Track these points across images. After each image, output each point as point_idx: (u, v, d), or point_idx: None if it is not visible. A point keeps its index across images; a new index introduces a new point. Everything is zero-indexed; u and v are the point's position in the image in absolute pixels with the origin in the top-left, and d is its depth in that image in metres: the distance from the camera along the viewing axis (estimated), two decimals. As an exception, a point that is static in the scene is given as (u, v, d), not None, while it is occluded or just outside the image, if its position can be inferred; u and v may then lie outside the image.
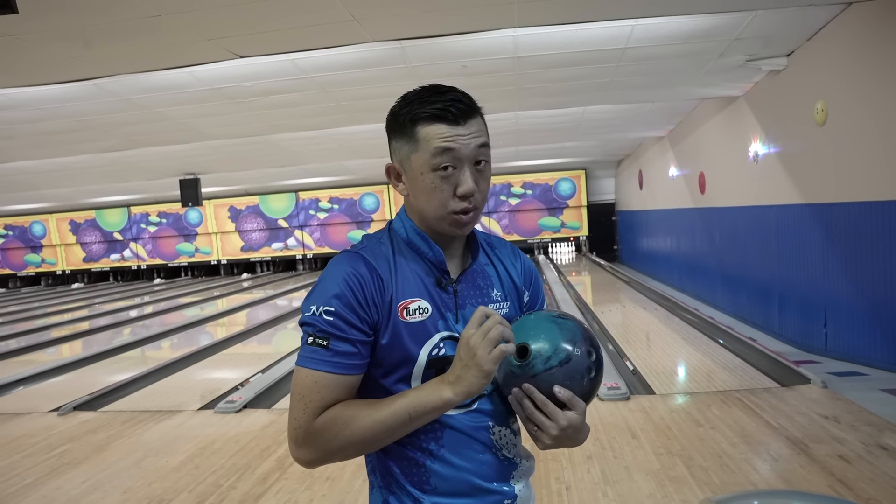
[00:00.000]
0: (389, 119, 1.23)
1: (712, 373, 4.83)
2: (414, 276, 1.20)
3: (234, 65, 4.80)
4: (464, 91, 1.19)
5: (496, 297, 1.27)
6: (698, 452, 3.31)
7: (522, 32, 4.56)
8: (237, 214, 17.42)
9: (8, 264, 19.00)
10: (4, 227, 18.59)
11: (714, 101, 7.61)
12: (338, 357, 1.12)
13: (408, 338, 1.17)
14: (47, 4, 3.35)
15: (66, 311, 12.15)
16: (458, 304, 1.22)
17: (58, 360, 7.06)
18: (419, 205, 1.19)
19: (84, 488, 3.44)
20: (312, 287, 1.19)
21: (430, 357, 1.18)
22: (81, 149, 7.97)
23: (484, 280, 1.27)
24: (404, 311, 1.17)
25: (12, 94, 5.28)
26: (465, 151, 1.15)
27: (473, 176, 1.16)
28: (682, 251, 10.05)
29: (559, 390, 1.14)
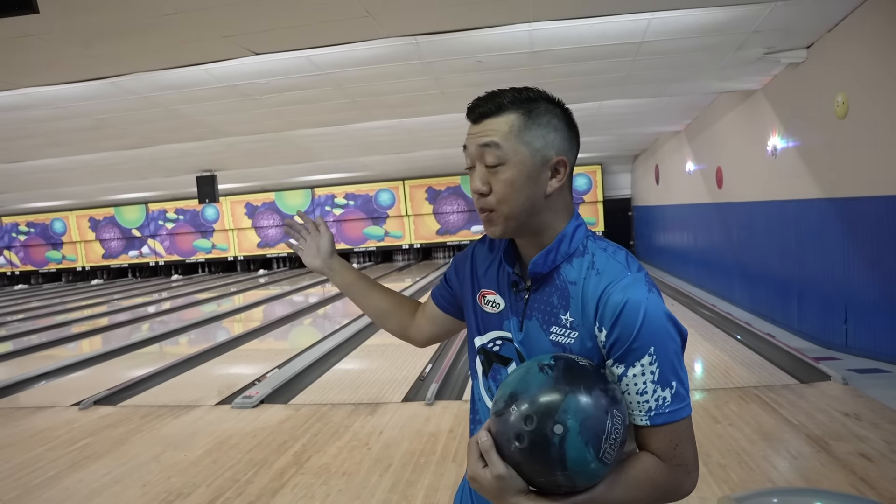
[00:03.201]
0: None
1: (730, 369, 4.79)
2: (495, 272, 1.25)
3: (250, 62, 4.82)
4: (506, 89, 1.16)
5: (566, 321, 1.10)
6: (716, 449, 3.28)
7: (538, 27, 4.53)
8: (253, 211, 17.51)
9: (30, 261, 19.27)
10: (26, 225, 18.85)
11: (732, 95, 7.53)
12: (437, 290, 1.44)
13: (479, 321, 1.26)
14: (66, 4, 3.38)
15: (86, 307, 12.30)
16: (525, 315, 1.16)
17: (78, 356, 7.16)
18: None
19: (105, 481, 3.49)
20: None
21: (485, 347, 1.24)
22: (100, 146, 8.05)
23: (561, 298, 1.12)
24: (482, 299, 1.26)
25: (33, 94, 5.34)
26: (472, 150, 1.14)
27: (482, 176, 1.12)
28: (700, 246, 9.96)
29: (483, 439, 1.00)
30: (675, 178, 11.28)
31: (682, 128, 10.49)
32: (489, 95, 1.16)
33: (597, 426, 0.95)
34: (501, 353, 1.21)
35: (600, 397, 0.98)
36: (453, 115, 7.60)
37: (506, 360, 1.21)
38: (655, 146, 12.90)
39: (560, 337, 1.11)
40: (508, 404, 0.99)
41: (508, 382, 1.04)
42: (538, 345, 1.14)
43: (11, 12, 2.08)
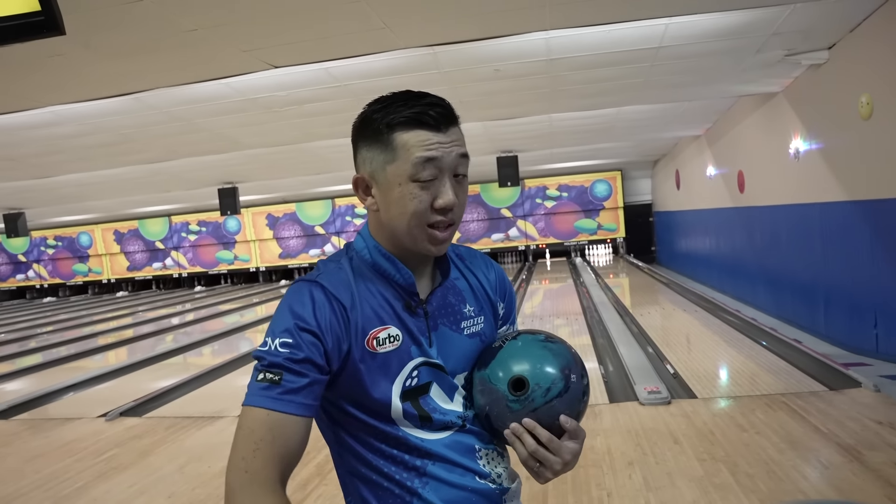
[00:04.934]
0: (358, 126, 1.11)
1: (756, 376, 4.72)
2: (381, 302, 1.10)
3: (270, 75, 4.88)
4: (440, 96, 1.10)
5: (469, 312, 1.18)
6: (743, 458, 3.23)
7: (555, 35, 4.53)
8: (275, 222, 17.66)
9: (58, 274, 19.59)
10: (54, 238, 19.18)
11: (752, 98, 7.45)
12: (291, 394, 0.99)
13: (378, 372, 1.07)
14: (91, 24, 3.45)
15: (112, 319, 12.47)
16: (430, 327, 1.13)
17: (105, 367, 7.25)
18: (392, 220, 1.08)
19: (131, 492, 3.52)
20: (272, 318, 1.08)
21: (404, 388, 1.09)
22: (124, 161, 8.18)
23: (455, 296, 1.18)
24: (374, 342, 1.07)
25: (60, 111, 5.44)
26: (446, 160, 1.06)
27: (453, 188, 1.07)
28: (722, 252, 9.85)
29: (566, 421, 1.09)
30: (696, 183, 11.18)
31: (703, 132, 10.40)
32: (437, 100, 1.09)
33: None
34: (420, 385, 1.11)
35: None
36: (471, 123, 7.62)
37: (426, 388, 1.12)
38: (675, 151, 12.80)
39: (472, 328, 1.18)
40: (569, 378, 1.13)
41: (543, 366, 1.12)
42: (455, 348, 1.15)
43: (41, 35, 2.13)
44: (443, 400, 1.13)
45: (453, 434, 1.12)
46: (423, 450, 1.09)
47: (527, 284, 12.17)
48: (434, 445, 1.09)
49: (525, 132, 8.77)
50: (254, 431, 0.98)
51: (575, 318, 8.02)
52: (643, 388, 4.47)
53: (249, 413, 1.00)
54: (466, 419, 1.14)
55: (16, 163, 7.66)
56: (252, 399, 1.00)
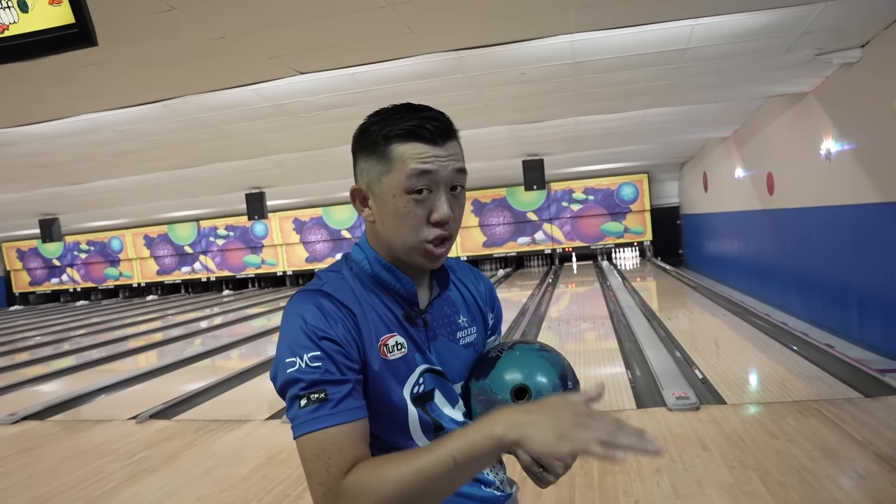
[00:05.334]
0: (358, 137, 1.12)
1: (787, 381, 4.64)
2: (384, 310, 1.11)
3: (296, 81, 4.93)
4: (439, 110, 1.10)
5: (463, 322, 1.21)
6: (775, 466, 3.17)
7: (579, 38, 4.51)
8: (301, 226, 17.82)
9: (90, 278, 19.99)
10: (87, 243, 19.58)
11: (781, 99, 7.34)
12: (341, 404, 0.99)
13: (391, 378, 1.08)
14: (122, 34, 3.52)
15: (142, 323, 12.68)
16: (430, 337, 1.15)
17: (135, 370, 7.37)
18: (387, 232, 1.09)
19: (160, 494, 3.57)
20: (279, 342, 1.05)
21: (413, 395, 1.10)
22: (153, 167, 8.32)
23: (450, 307, 1.21)
24: (384, 348, 1.08)
25: (93, 119, 5.56)
26: (442, 174, 1.06)
27: (449, 202, 1.07)
28: (751, 254, 9.70)
29: None
30: (725, 185, 11.03)
31: (730, 133, 10.26)
32: (436, 113, 1.09)
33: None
34: (425, 391, 1.12)
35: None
36: (496, 127, 7.61)
37: (431, 395, 1.13)
38: (703, 153, 12.65)
39: (467, 338, 1.20)
40: (567, 386, 1.14)
41: (542, 375, 1.14)
42: (452, 358, 1.17)
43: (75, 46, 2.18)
44: (445, 407, 1.15)
45: None
46: None
47: (553, 288, 12.11)
48: None
49: (551, 135, 8.73)
50: (319, 455, 0.97)
51: (601, 321, 7.95)
52: (671, 394, 4.42)
53: (308, 440, 0.98)
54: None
55: (50, 170, 7.84)
56: (306, 427, 0.98)
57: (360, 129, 1.12)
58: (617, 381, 5.06)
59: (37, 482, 3.96)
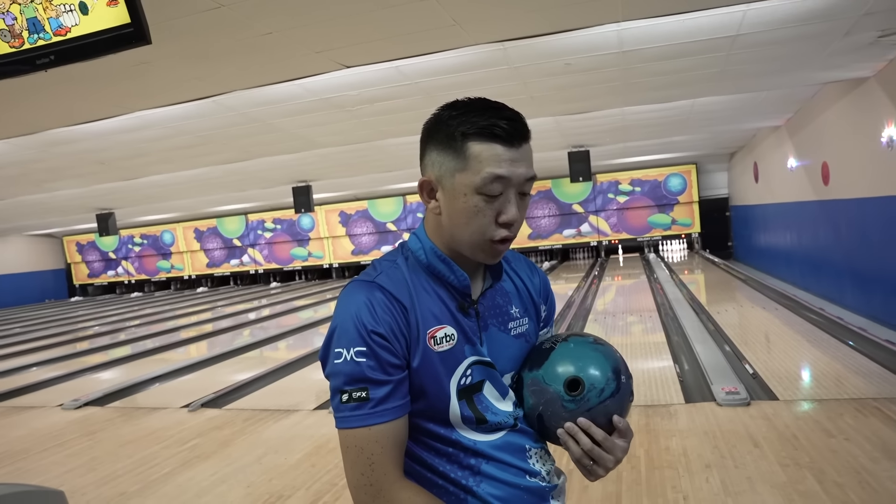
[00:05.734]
0: (430, 128, 1.10)
1: (843, 378, 4.49)
2: (436, 302, 1.11)
3: (342, 75, 4.97)
4: (517, 111, 1.10)
5: (516, 313, 1.21)
6: (831, 466, 3.07)
7: (627, 26, 4.42)
8: (347, 219, 18.01)
9: (144, 270, 20.63)
10: (140, 237, 20.20)
11: (838, 85, 7.07)
12: (383, 403, 1.02)
13: (437, 369, 1.08)
14: (174, 32, 3.60)
15: (193, 314, 13.02)
16: (481, 327, 1.15)
17: (187, 360, 7.59)
18: (453, 227, 1.10)
19: (212, 481, 3.67)
20: (330, 329, 1.08)
21: (459, 387, 1.10)
22: (203, 162, 8.52)
23: (503, 297, 1.21)
24: (432, 340, 1.08)
25: (145, 116, 5.72)
26: (515, 180, 1.06)
27: (517, 204, 1.08)
28: (804, 247, 9.40)
29: (619, 420, 1.11)
30: (776, 176, 10.72)
31: (783, 122, 9.95)
32: (516, 115, 1.08)
33: None
34: (473, 383, 1.12)
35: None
36: (542, 118, 7.54)
37: (479, 386, 1.13)
38: (754, 143, 12.30)
39: (519, 328, 1.20)
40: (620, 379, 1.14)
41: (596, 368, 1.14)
42: (504, 348, 1.17)
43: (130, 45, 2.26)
44: (495, 398, 1.15)
45: (505, 435, 1.14)
46: (477, 450, 1.11)
47: (599, 281, 11.97)
48: (486, 447, 1.12)
49: (597, 126, 8.61)
50: (363, 450, 1.01)
51: (648, 315, 7.83)
52: (720, 389, 4.33)
53: (350, 434, 1.02)
54: (518, 418, 1.16)
55: (106, 166, 8.10)
56: (347, 422, 1.02)
57: (433, 119, 1.11)
58: (665, 375, 4.98)
59: (99, 464, 4.12)
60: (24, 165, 7.66)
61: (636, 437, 3.69)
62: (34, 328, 12.78)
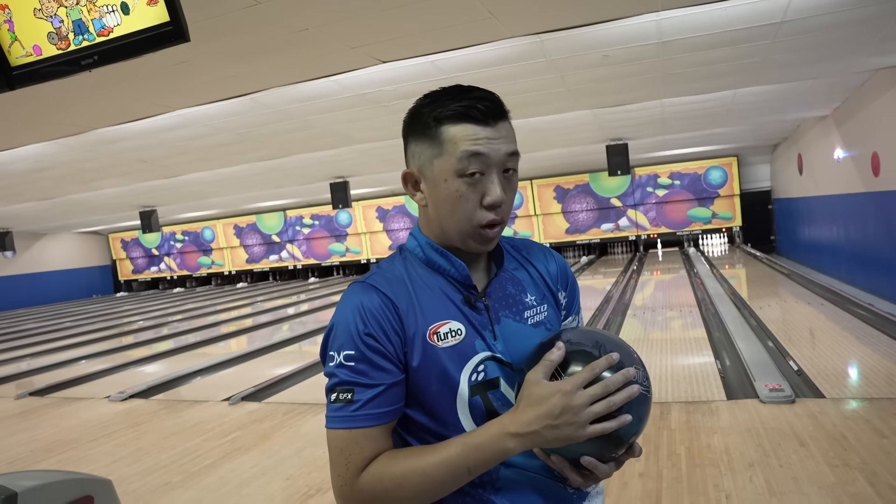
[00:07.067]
0: (408, 120, 1.12)
1: (894, 376, 4.34)
2: (439, 297, 1.08)
3: (377, 70, 4.98)
4: (491, 91, 1.08)
5: (531, 301, 1.16)
6: (884, 468, 2.97)
7: (666, 16, 4.33)
8: (384, 214, 18.10)
9: (185, 266, 21.08)
10: (182, 233, 20.64)
11: (890, 71, 6.81)
12: (366, 408, 1.01)
13: (443, 366, 1.05)
14: (212, 30, 3.66)
15: (233, 309, 13.26)
16: (493, 320, 1.10)
17: (227, 354, 7.72)
18: (440, 216, 1.08)
19: (253, 473, 3.73)
20: (326, 331, 1.08)
21: (471, 383, 1.06)
22: (242, 159, 8.65)
23: (515, 286, 1.16)
24: (435, 336, 1.05)
25: (185, 114, 5.82)
26: (494, 157, 1.04)
27: (502, 184, 1.05)
28: (852, 240, 9.11)
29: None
30: (822, 167, 10.40)
31: (829, 112, 9.64)
32: (487, 94, 1.06)
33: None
34: (488, 379, 1.07)
35: None
36: (579, 112, 7.45)
37: (495, 383, 1.08)
38: (798, 134, 11.96)
39: (536, 317, 1.14)
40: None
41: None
42: (521, 338, 1.11)
43: (170, 43, 2.29)
44: (512, 397, 1.09)
45: None
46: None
47: (638, 275, 11.81)
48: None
49: (635, 119, 8.48)
50: (342, 450, 1.02)
51: (689, 310, 7.69)
52: (764, 385, 4.23)
53: (333, 434, 1.03)
54: None
55: (149, 164, 8.29)
56: (332, 422, 1.03)
57: (410, 112, 1.12)
58: (706, 372, 4.88)
59: (144, 455, 4.23)
60: (72, 165, 7.88)
61: (677, 434, 3.63)
62: (82, 322, 13.17)
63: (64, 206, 12.26)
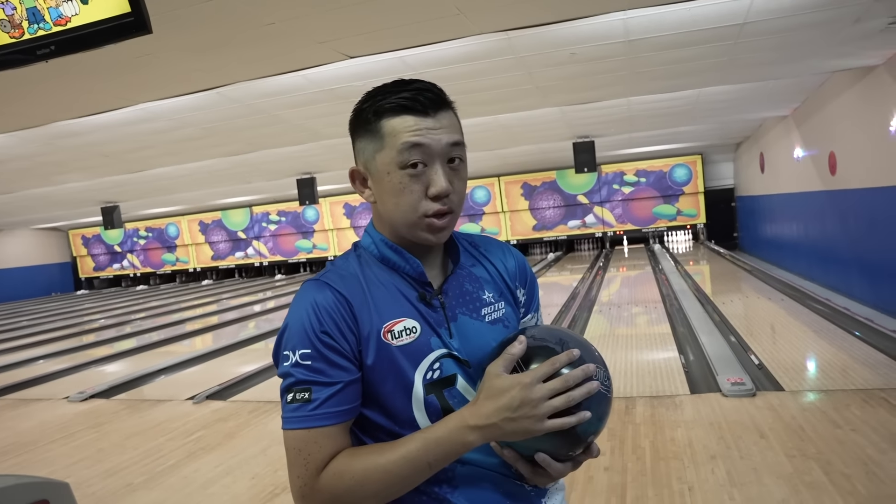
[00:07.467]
0: (352, 119, 1.11)
1: (849, 369, 4.47)
2: (394, 294, 1.07)
3: (345, 65, 4.94)
4: (432, 82, 1.07)
5: (489, 298, 1.15)
6: (838, 457, 3.06)
7: (633, 14, 4.38)
8: (352, 211, 18.00)
9: (149, 263, 20.69)
10: (146, 230, 20.25)
11: (847, 74, 7.00)
12: (324, 406, 1.00)
13: (398, 364, 1.03)
14: (176, 23, 3.58)
15: (198, 306, 13.06)
16: (449, 317, 1.09)
17: (192, 352, 7.60)
18: (388, 211, 1.07)
19: (217, 472, 3.68)
20: (280, 330, 1.08)
21: (426, 381, 1.05)
22: (208, 154, 8.51)
23: (472, 283, 1.15)
24: (389, 334, 1.04)
25: (150, 108, 5.71)
26: (436, 147, 1.03)
27: (447, 174, 1.04)
28: (811, 237, 9.35)
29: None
30: (783, 166, 10.65)
31: (790, 112, 9.88)
32: (427, 85, 1.06)
33: None
34: (444, 377, 1.06)
35: None
36: (547, 109, 7.50)
37: (451, 380, 1.07)
38: (760, 133, 12.23)
39: (494, 314, 1.14)
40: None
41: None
42: (477, 336, 1.10)
43: (131, 35, 2.24)
44: (469, 394, 1.09)
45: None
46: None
47: (604, 272, 11.95)
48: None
49: (602, 117, 8.56)
50: (300, 451, 1.01)
51: (654, 306, 7.81)
52: (726, 379, 4.32)
53: (291, 435, 1.02)
54: None
55: (111, 159, 8.10)
56: (289, 423, 1.02)
57: (353, 110, 1.11)
58: (670, 367, 4.96)
59: (106, 456, 4.14)
60: (30, 159, 7.67)
61: (642, 428, 3.68)
62: (41, 321, 12.84)
63: (22, 200, 11.92)
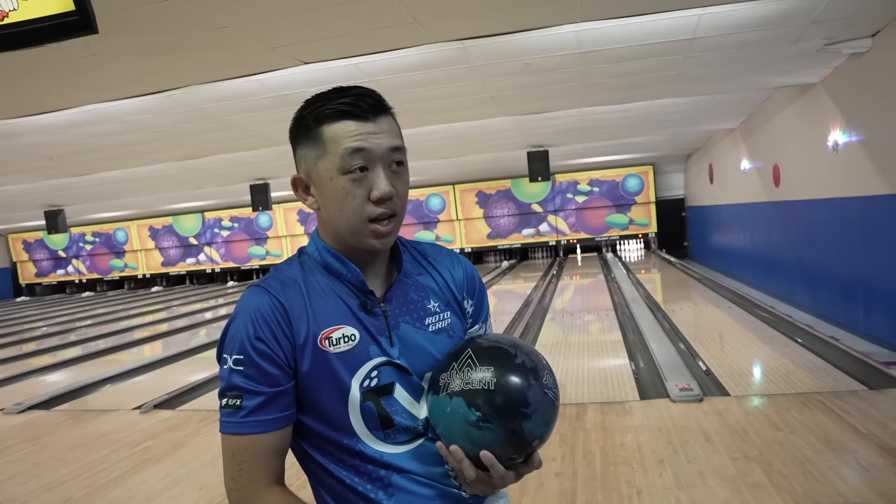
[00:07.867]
0: (292, 126, 1.11)
1: (791, 374, 4.62)
2: (334, 301, 1.07)
3: (300, 71, 4.91)
4: (371, 88, 1.09)
5: (434, 308, 1.14)
6: (778, 458, 3.16)
7: (585, 27, 4.47)
8: (306, 218, 17.81)
9: (96, 269, 20.06)
10: (92, 235, 19.63)
11: (789, 90, 7.28)
12: (254, 414, 1.00)
13: (339, 370, 1.04)
14: (125, 23, 3.51)
15: (147, 314, 12.71)
16: (391, 326, 1.09)
17: (140, 360, 7.40)
18: (331, 217, 1.07)
19: (164, 483, 3.59)
20: (221, 334, 1.07)
21: (363, 389, 1.05)
22: (158, 158, 8.32)
23: (418, 292, 1.14)
24: (327, 342, 1.04)
25: (97, 109, 5.56)
26: (377, 151, 1.04)
27: (389, 178, 1.05)
28: (757, 247, 9.66)
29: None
30: (730, 177, 10.99)
31: (737, 125, 10.21)
32: (368, 91, 1.08)
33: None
34: (381, 385, 1.07)
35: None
36: (501, 118, 7.58)
37: (389, 389, 1.07)
38: (709, 145, 12.59)
39: (439, 323, 1.14)
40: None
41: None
42: (420, 344, 1.11)
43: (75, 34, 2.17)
44: (408, 402, 1.09)
45: (421, 444, 1.08)
46: (385, 462, 1.06)
47: (557, 280, 12.10)
48: (396, 458, 1.07)
49: (556, 126, 8.70)
50: (234, 455, 1.02)
51: (606, 313, 7.94)
52: (674, 385, 4.41)
53: (225, 439, 1.03)
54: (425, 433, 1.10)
55: (56, 161, 7.85)
56: (223, 427, 1.03)
57: (293, 118, 1.11)
58: (620, 373, 5.05)
59: (43, 470, 3.98)
60: (-33, 159, 7.38)
61: (593, 433, 3.73)
62: (-22, 329, 12.31)
63: (-41, 204, 11.45)
